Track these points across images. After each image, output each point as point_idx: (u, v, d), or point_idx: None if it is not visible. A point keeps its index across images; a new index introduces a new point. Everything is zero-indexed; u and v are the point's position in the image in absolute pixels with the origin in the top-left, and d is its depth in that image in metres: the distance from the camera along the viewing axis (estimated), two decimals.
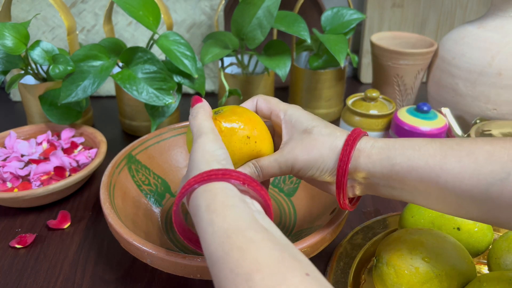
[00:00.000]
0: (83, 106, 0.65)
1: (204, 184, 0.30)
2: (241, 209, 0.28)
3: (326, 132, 0.37)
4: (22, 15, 0.80)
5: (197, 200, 0.30)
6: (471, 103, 0.65)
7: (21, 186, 0.55)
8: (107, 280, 0.46)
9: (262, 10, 0.60)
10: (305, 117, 0.38)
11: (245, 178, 0.31)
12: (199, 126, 0.35)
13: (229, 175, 0.30)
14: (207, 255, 0.27)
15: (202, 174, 0.30)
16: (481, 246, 0.43)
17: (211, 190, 0.29)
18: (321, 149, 0.36)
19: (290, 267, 0.24)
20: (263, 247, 0.25)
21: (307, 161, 0.36)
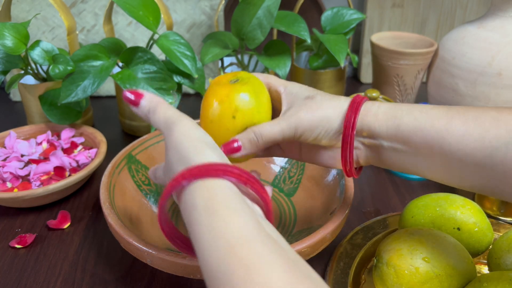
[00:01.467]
0: (83, 106, 0.65)
1: (200, 179, 0.26)
2: (246, 214, 0.24)
3: (329, 97, 0.36)
4: (22, 15, 0.80)
5: (192, 198, 0.26)
6: (471, 103, 0.65)
7: (21, 186, 0.55)
8: (107, 280, 0.45)
9: (262, 10, 0.60)
10: (305, 88, 0.38)
11: (248, 177, 0.28)
12: (167, 116, 0.32)
13: (230, 172, 0.27)
14: (203, 265, 0.23)
15: (200, 168, 0.27)
16: (481, 246, 0.43)
17: (209, 188, 0.26)
18: (326, 109, 0.35)
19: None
20: (273, 265, 0.21)
21: (312, 121, 0.35)
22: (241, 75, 0.39)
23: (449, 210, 0.44)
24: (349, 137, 0.35)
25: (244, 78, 0.39)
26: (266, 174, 0.60)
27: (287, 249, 0.24)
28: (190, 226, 0.26)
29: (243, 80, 0.38)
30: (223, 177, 0.27)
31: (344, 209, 0.44)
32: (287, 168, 0.59)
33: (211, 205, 0.25)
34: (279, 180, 0.59)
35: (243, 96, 0.37)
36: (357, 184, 0.62)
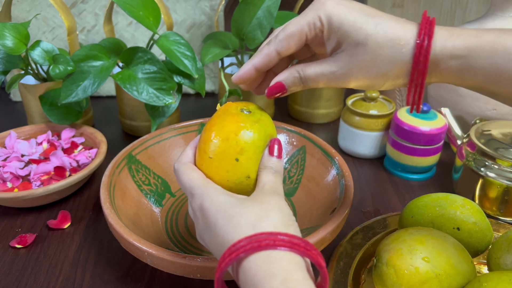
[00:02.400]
0: (83, 106, 0.65)
1: (281, 250, 0.27)
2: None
3: (387, 40, 0.30)
4: (23, 15, 0.80)
5: (270, 266, 0.26)
6: (471, 103, 0.65)
7: (21, 186, 0.55)
8: (107, 280, 0.46)
9: (262, 10, 0.60)
10: (352, 20, 0.30)
11: (313, 251, 0.28)
12: (276, 185, 0.33)
13: (298, 246, 0.27)
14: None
15: (284, 236, 0.27)
16: (481, 246, 0.44)
17: (285, 261, 0.26)
18: (382, 67, 0.30)
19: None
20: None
21: (367, 81, 0.31)
22: (253, 109, 0.36)
23: (449, 210, 0.44)
24: (416, 92, 0.31)
25: (256, 112, 0.35)
26: None
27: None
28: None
29: (254, 115, 0.35)
30: (292, 250, 0.27)
31: (344, 209, 0.44)
32: (287, 168, 0.59)
33: (290, 281, 0.25)
34: None
35: (253, 137, 0.33)
36: (357, 184, 0.62)
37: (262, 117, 0.35)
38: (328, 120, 0.81)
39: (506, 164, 0.52)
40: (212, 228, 0.30)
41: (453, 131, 0.63)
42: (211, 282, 0.45)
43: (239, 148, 0.33)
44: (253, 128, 0.33)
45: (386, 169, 0.66)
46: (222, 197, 0.31)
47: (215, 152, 0.33)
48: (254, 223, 0.28)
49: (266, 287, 0.25)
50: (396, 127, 0.62)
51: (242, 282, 0.28)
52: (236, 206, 0.30)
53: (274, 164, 0.34)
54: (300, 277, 0.26)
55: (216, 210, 0.30)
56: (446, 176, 0.65)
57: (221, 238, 0.29)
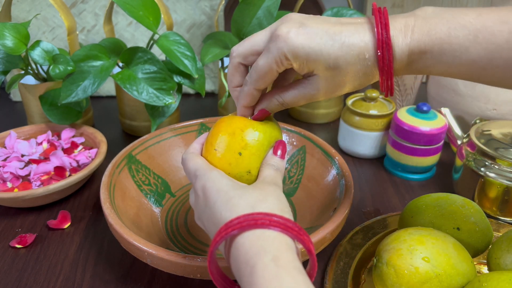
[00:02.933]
0: (83, 106, 0.65)
1: (275, 230, 0.28)
2: (308, 279, 0.27)
3: (354, 58, 0.31)
4: (22, 15, 0.80)
5: (264, 243, 0.27)
6: (470, 103, 0.65)
7: (21, 186, 0.55)
8: (107, 280, 0.46)
9: (262, 10, 0.60)
10: (318, 48, 0.31)
11: (304, 236, 0.29)
12: (276, 180, 0.34)
13: (291, 229, 0.29)
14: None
15: (266, 218, 0.28)
16: (481, 246, 0.43)
17: (277, 240, 0.28)
18: (356, 80, 0.32)
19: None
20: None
21: (346, 91, 0.34)
22: None
23: (449, 210, 0.44)
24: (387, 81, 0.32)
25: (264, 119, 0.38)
26: None
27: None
28: (252, 266, 0.27)
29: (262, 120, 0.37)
30: (285, 232, 0.28)
31: (344, 209, 0.44)
32: (287, 168, 0.59)
33: (281, 259, 0.27)
34: None
35: (258, 135, 0.35)
36: (357, 184, 0.62)
37: (270, 121, 0.37)
38: (328, 120, 0.81)
39: (506, 164, 0.52)
40: (211, 206, 0.31)
41: (453, 131, 0.63)
42: (211, 282, 0.45)
43: (243, 143, 0.35)
44: (259, 128, 0.35)
45: (386, 169, 0.66)
46: (225, 180, 0.33)
47: (220, 145, 0.35)
48: (253, 205, 0.30)
49: (258, 262, 0.26)
50: (396, 127, 0.62)
51: (233, 257, 0.29)
52: (237, 189, 0.32)
53: (276, 162, 0.36)
54: (290, 257, 0.27)
55: (217, 191, 0.32)
56: (446, 176, 0.65)
57: (218, 216, 0.31)
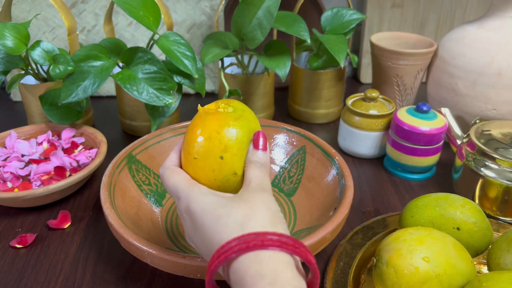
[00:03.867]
0: (83, 106, 0.65)
1: (269, 250, 0.27)
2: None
3: None
4: (23, 15, 0.80)
5: (259, 266, 0.26)
6: (470, 103, 0.65)
7: (21, 186, 0.55)
8: (107, 279, 0.46)
9: (262, 10, 0.60)
10: None
11: (303, 250, 0.28)
12: (263, 180, 0.33)
13: (286, 244, 0.27)
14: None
15: (272, 235, 0.27)
16: (481, 246, 0.44)
17: (273, 260, 0.27)
18: None
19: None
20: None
21: None
22: (235, 105, 0.35)
23: (449, 210, 0.44)
24: None
25: (238, 109, 0.35)
26: None
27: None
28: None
29: (237, 111, 0.34)
30: (281, 250, 0.27)
31: (344, 209, 0.44)
32: (287, 168, 0.59)
33: (278, 281, 0.26)
34: (279, 180, 0.59)
35: (235, 133, 0.33)
36: (357, 184, 0.63)
37: (244, 113, 0.34)
38: (328, 120, 0.81)
39: (506, 164, 0.52)
40: (200, 229, 0.30)
41: (453, 131, 0.63)
42: None
43: (222, 145, 0.33)
44: (236, 125, 0.33)
45: (386, 169, 0.66)
46: (208, 197, 0.31)
47: (199, 152, 0.33)
48: (242, 223, 0.29)
49: (258, 286, 0.26)
50: (396, 127, 0.62)
51: (233, 282, 0.28)
52: (223, 206, 0.30)
53: (259, 158, 0.34)
54: (288, 276, 0.26)
55: (202, 211, 0.30)
56: (446, 176, 0.65)
57: (209, 240, 0.29)
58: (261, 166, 0.34)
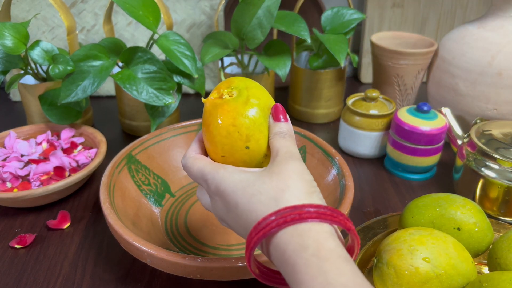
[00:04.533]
0: (83, 106, 0.65)
1: (309, 222, 0.26)
2: (354, 265, 0.25)
3: None
4: (22, 15, 0.80)
5: (299, 239, 0.26)
6: (471, 103, 0.65)
7: (20, 186, 0.55)
8: (107, 280, 0.45)
9: (262, 10, 0.60)
10: None
11: (346, 219, 0.27)
12: (290, 149, 0.31)
13: (325, 215, 0.27)
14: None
15: (308, 207, 0.27)
16: (481, 246, 0.43)
17: (317, 231, 0.26)
18: None
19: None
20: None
21: None
22: (238, 85, 0.33)
23: (449, 210, 0.44)
24: None
25: (242, 88, 0.33)
26: None
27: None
28: (293, 265, 0.25)
29: (242, 95, 0.33)
30: (319, 220, 0.27)
31: (344, 209, 0.44)
32: None
33: (323, 251, 0.25)
34: None
35: (251, 118, 0.32)
36: (357, 184, 0.62)
37: (250, 91, 0.33)
38: (328, 120, 0.80)
39: (507, 164, 0.52)
40: (234, 209, 0.30)
41: (454, 131, 0.63)
42: (211, 282, 0.45)
43: (243, 136, 0.32)
44: (247, 110, 0.32)
45: (387, 169, 0.66)
46: (236, 175, 0.30)
47: (224, 150, 0.33)
48: (276, 197, 0.28)
49: (298, 260, 0.25)
50: (396, 127, 0.62)
51: (274, 258, 0.27)
52: (253, 183, 0.29)
53: (282, 128, 0.33)
54: (332, 245, 0.25)
55: (233, 191, 0.30)
56: (447, 176, 0.65)
57: (244, 219, 0.29)
58: (285, 136, 0.33)
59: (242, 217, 0.29)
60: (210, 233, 0.51)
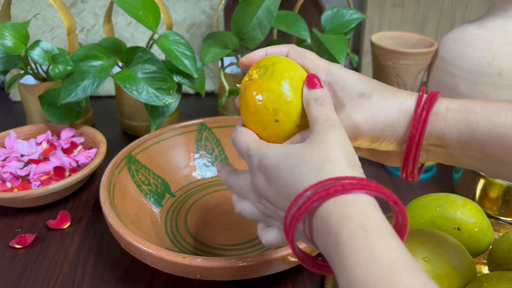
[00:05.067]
0: (83, 106, 0.65)
1: (352, 193, 0.25)
2: (401, 243, 0.24)
3: (389, 94, 0.31)
4: (22, 15, 0.80)
5: (343, 209, 0.25)
6: None
7: (20, 186, 0.55)
8: (107, 280, 0.45)
9: (262, 10, 0.60)
10: (356, 78, 0.32)
11: (390, 192, 0.26)
12: (329, 116, 0.30)
13: (369, 186, 0.26)
14: (348, 277, 0.22)
15: (351, 179, 0.26)
16: (481, 246, 0.43)
17: (358, 202, 0.25)
18: (388, 115, 0.31)
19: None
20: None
21: (373, 131, 0.31)
22: (265, 63, 0.34)
23: (449, 210, 0.44)
24: (414, 153, 0.31)
25: (268, 65, 0.33)
26: None
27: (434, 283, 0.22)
28: (336, 235, 0.24)
29: (267, 69, 0.33)
30: (363, 192, 0.26)
31: None
32: None
33: (368, 224, 0.24)
34: None
35: (275, 91, 0.32)
36: None
37: (276, 66, 0.33)
38: None
39: None
40: (276, 182, 0.29)
41: None
42: (211, 282, 0.45)
43: (271, 110, 0.32)
44: (271, 84, 0.32)
45: (387, 169, 0.66)
46: (278, 149, 0.30)
47: (257, 127, 0.33)
48: (318, 168, 0.27)
49: (342, 231, 0.24)
50: None
51: (316, 230, 0.26)
52: (295, 155, 0.28)
53: (318, 94, 0.31)
54: (378, 219, 0.24)
55: (276, 164, 0.29)
56: (447, 176, 0.65)
57: (287, 191, 0.28)
58: (323, 102, 0.31)
59: (284, 189, 0.28)
60: (210, 233, 0.51)
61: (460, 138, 0.30)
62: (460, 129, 0.30)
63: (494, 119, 0.29)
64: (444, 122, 0.30)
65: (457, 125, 0.30)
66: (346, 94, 0.32)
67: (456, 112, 0.30)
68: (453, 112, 0.30)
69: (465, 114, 0.30)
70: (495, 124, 0.29)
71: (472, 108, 0.30)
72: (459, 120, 0.30)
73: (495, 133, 0.29)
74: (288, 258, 0.39)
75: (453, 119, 0.30)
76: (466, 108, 0.30)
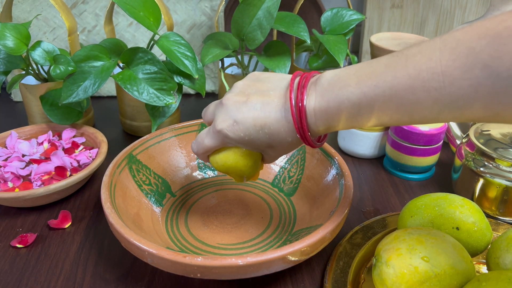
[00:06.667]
0: (84, 106, 0.65)
1: None
2: None
3: (280, 140, 0.38)
4: (23, 16, 0.81)
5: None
6: None
7: (22, 186, 0.55)
8: (108, 279, 0.46)
9: (262, 11, 0.60)
10: (251, 139, 0.39)
11: None
12: None
13: None
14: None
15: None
16: (480, 245, 0.44)
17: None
18: (286, 150, 0.40)
19: None
20: None
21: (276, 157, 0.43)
22: None
23: (448, 209, 0.44)
24: (307, 141, 0.37)
25: None
26: (266, 174, 0.60)
27: None
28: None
29: None
30: None
31: (344, 209, 0.44)
32: (287, 168, 0.59)
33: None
34: (279, 180, 0.59)
35: None
36: (357, 184, 0.63)
37: None
38: None
39: (505, 164, 0.52)
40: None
41: (453, 131, 0.63)
42: (211, 281, 0.45)
43: None
44: None
45: (386, 169, 0.66)
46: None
47: None
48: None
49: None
50: (395, 127, 0.62)
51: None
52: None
53: None
54: None
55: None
56: (446, 176, 0.65)
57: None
58: None
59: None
60: (210, 232, 0.51)
61: (340, 127, 0.36)
62: (333, 124, 0.35)
63: None
64: (317, 127, 0.36)
65: (328, 123, 0.35)
66: None
67: (322, 113, 0.35)
68: (319, 113, 0.35)
69: (325, 110, 0.35)
70: None
71: (330, 99, 0.35)
72: (328, 120, 0.35)
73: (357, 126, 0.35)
74: (288, 257, 0.39)
75: (321, 120, 0.36)
76: (326, 102, 0.35)
